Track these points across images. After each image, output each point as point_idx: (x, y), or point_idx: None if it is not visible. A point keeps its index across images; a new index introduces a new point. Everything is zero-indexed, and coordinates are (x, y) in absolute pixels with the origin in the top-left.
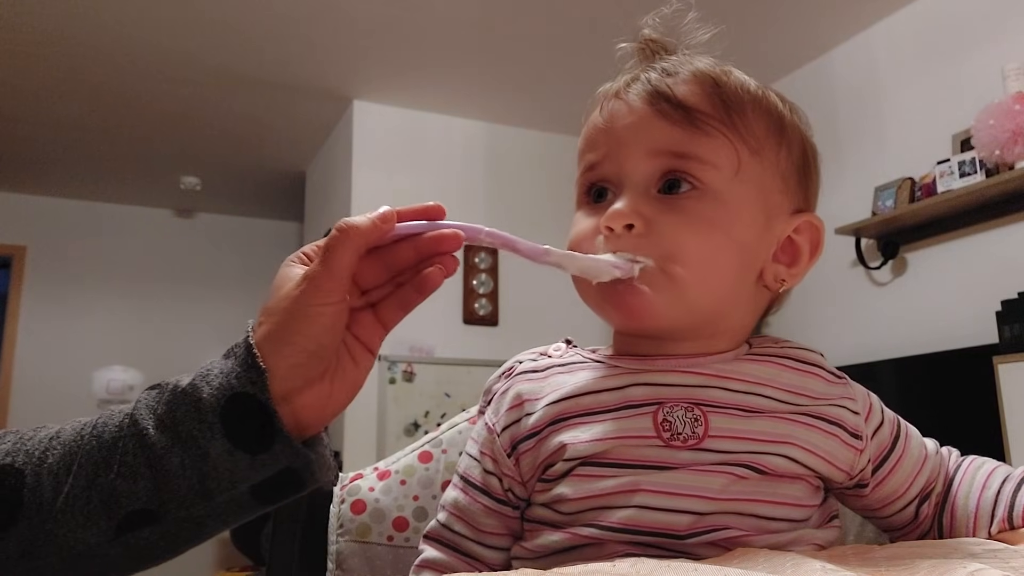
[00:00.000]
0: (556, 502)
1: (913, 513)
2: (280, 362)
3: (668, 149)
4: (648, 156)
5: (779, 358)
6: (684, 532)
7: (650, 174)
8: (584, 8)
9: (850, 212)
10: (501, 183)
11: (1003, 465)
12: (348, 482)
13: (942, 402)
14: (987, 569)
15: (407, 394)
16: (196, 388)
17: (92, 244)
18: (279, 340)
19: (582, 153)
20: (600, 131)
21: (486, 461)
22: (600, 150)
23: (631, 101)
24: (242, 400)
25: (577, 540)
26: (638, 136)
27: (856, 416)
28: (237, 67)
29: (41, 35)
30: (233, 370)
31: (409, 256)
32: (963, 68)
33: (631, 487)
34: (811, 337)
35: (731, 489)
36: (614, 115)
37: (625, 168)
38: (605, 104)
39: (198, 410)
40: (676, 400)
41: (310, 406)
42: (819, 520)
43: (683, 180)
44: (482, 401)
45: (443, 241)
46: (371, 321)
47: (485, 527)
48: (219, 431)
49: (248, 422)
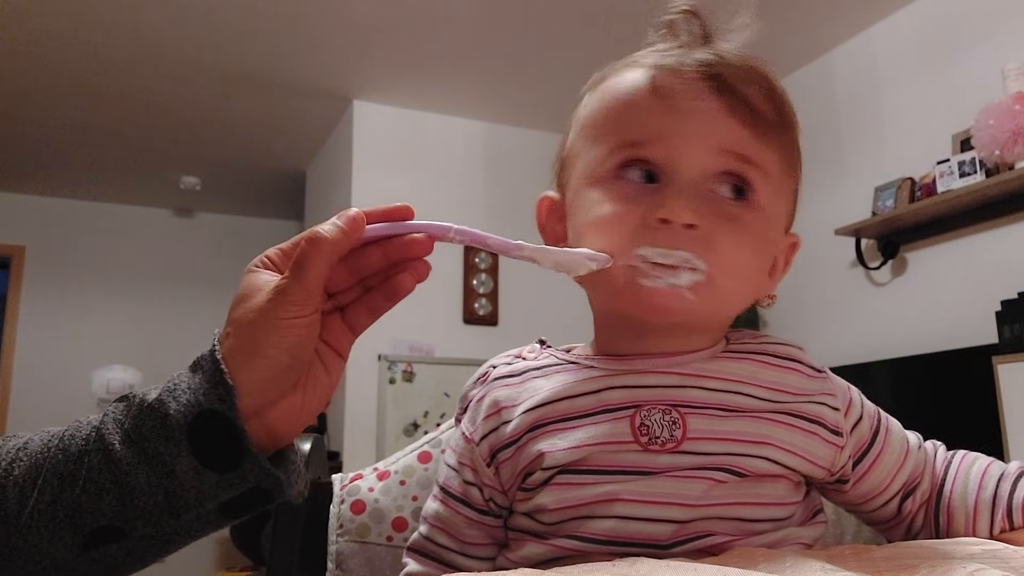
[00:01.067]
0: (537, 512)
1: (896, 508)
2: (250, 377)
3: (734, 150)
4: (712, 152)
5: (758, 354)
6: (667, 541)
7: (707, 171)
8: (584, 8)
9: (850, 212)
10: (501, 183)
11: (995, 461)
12: (348, 482)
13: (942, 402)
14: (987, 569)
15: (407, 394)
16: (163, 404)
17: (91, 244)
18: (249, 354)
19: (619, 120)
20: (652, 103)
21: (465, 472)
22: (652, 127)
23: (695, 85)
24: (210, 417)
25: (560, 552)
26: (705, 127)
27: (836, 412)
28: (237, 67)
29: (41, 35)
30: (201, 386)
31: (378, 261)
32: (963, 68)
33: (610, 496)
34: (811, 337)
35: (711, 494)
36: (673, 91)
37: (682, 157)
38: (654, 73)
39: (165, 427)
40: (653, 402)
41: (283, 418)
42: (803, 516)
43: (740, 186)
44: (458, 409)
45: (413, 246)
46: (340, 326)
47: (468, 538)
48: (186, 449)
49: (216, 440)
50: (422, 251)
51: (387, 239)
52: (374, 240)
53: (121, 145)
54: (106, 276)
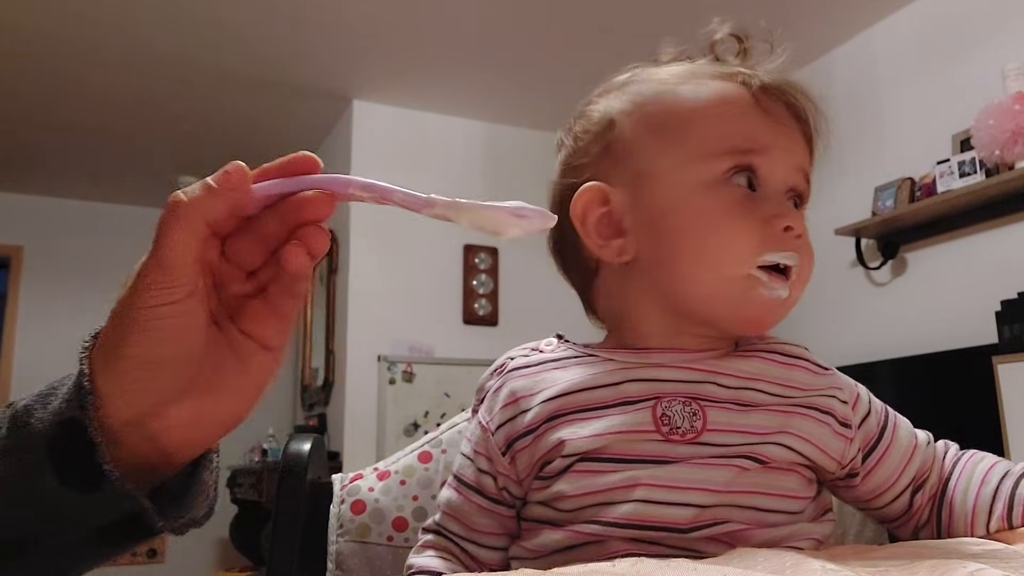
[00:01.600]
0: (555, 500)
1: (907, 503)
2: (115, 381)
3: (804, 169)
4: (792, 170)
5: (766, 352)
6: (687, 526)
7: (787, 185)
8: (584, 8)
9: (850, 212)
10: (501, 183)
11: (1003, 460)
12: (348, 482)
13: (942, 402)
14: (987, 569)
15: (406, 394)
16: (28, 412)
17: (90, 244)
18: (110, 355)
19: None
20: (758, 119)
21: (480, 460)
22: (757, 138)
23: (779, 103)
24: (72, 427)
25: (578, 538)
26: (792, 146)
27: (844, 405)
28: (237, 67)
29: (40, 36)
30: (69, 391)
31: (276, 228)
32: (963, 68)
33: (631, 482)
34: (811, 337)
35: (734, 481)
36: (771, 110)
37: (775, 171)
38: (756, 92)
39: (27, 438)
40: (674, 395)
41: (174, 429)
42: (814, 513)
43: (800, 203)
44: (475, 399)
45: (304, 207)
46: (262, 311)
47: (479, 527)
48: (48, 464)
49: (77, 455)
50: (317, 213)
51: (281, 200)
52: (270, 203)
53: (121, 145)
54: (106, 276)
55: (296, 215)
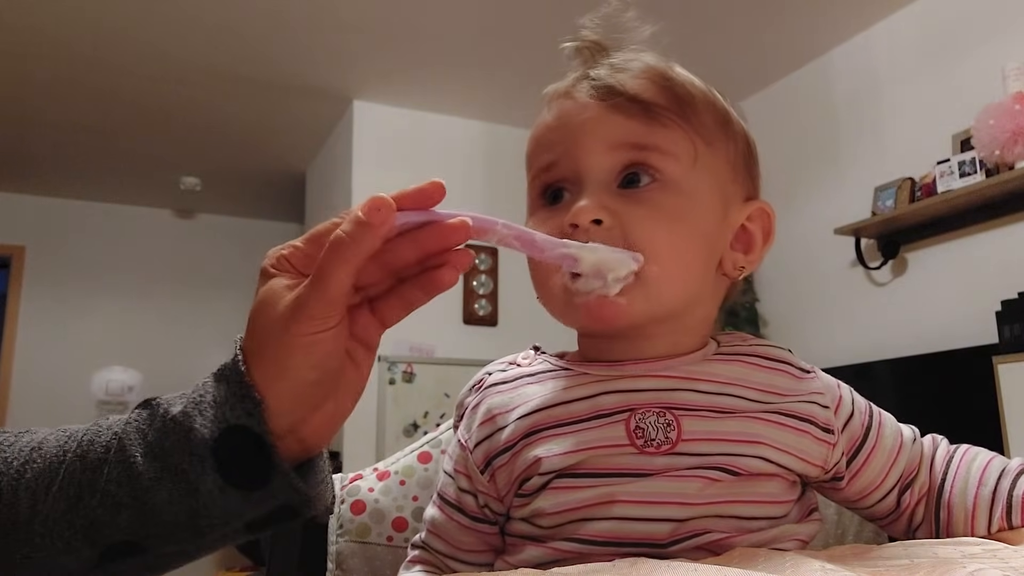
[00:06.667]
0: (535, 516)
1: (894, 502)
2: (279, 396)
3: (628, 141)
4: (608, 150)
5: (748, 356)
6: (665, 540)
7: (610, 168)
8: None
9: (850, 212)
10: (501, 183)
11: (997, 456)
12: (348, 482)
13: (942, 402)
14: (987, 569)
15: (406, 394)
16: (188, 417)
17: (91, 244)
18: (275, 375)
19: (533, 156)
20: (552, 131)
21: (460, 479)
22: (555, 150)
23: (582, 99)
24: (237, 434)
25: (559, 555)
26: (595, 131)
27: (826, 410)
28: (237, 67)
29: (40, 36)
30: (227, 399)
31: (410, 254)
32: (963, 68)
33: (607, 498)
34: (810, 337)
35: (707, 492)
36: (566, 113)
37: (584, 165)
38: (553, 104)
39: (189, 441)
40: (648, 405)
41: (316, 430)
42: (799, 515)
43: (644, 172)
44: (455, 416)
45: (448, 235)
46: (368, 319)
47: (463, 544)
48: (211, 466)
49: (243, 457)
50: (458, 238)
51: (419, 229)
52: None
53: (121, 146)
54: (106, 276)
55: (439, 242)
